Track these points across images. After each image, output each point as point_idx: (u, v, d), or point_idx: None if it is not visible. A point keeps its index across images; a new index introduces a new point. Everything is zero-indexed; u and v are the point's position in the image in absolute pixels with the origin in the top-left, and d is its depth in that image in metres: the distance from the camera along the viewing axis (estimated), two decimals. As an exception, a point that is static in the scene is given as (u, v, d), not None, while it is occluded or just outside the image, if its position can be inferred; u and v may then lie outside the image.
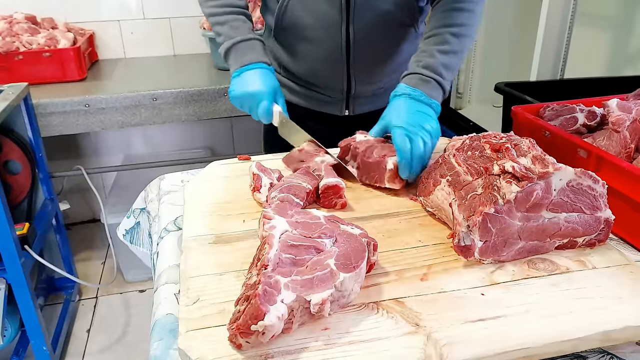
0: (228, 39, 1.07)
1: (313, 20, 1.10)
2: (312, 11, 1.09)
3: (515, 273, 0.68)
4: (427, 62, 0.99)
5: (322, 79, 1.19)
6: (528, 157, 0.71)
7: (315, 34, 1.11)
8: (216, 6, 1.09)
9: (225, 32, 1.08)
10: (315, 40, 1.12)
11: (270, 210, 0.69)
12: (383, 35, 1.13)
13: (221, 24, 1.08)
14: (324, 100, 1.22)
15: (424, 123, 0.92)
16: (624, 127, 0.85)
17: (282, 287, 0.57)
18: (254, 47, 1.07)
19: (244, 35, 1.07)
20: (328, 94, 1.21)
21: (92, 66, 2.20)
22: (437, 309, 0.62)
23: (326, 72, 1.17)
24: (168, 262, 0.80)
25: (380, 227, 0.81)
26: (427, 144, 0.90)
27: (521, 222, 0.69)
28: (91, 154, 2.50)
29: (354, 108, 1.23)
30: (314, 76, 1.18)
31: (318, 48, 1.13)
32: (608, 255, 0.72)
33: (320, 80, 1.19)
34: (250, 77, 1.04)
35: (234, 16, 1.08)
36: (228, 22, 1.08)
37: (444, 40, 1.00)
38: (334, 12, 1.08)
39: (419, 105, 0.95)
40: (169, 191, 1.02)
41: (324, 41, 1.12)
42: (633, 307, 0.62)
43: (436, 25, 1.03)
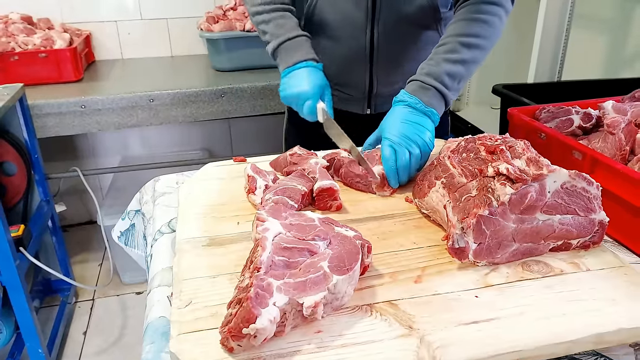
0: (274, 38, 1.08)
1: (339, 21, 1.13)
2: (339, 11, 1.12)
3: (509, 275, 0.68)
4: (431, 70, 0.99)
5: (345, 78, 1.21)
6: (522, 159, 0.71)
7: (341, 33, 1.14)
8: (261, 3, 1.10)
9: (271, 31, 1.09)
10: (341, 40, 1.15)
11: (264, 213, 0.69)
12: (406, 37, 1.15)
13: (266, 22, 1.09)
14: (346, 99, 1.24)
15: (414, 134, 0.92)
16: (619, 129, 0.85)
17: (274, 289, 0.56)
18: (301, 45, 1.08)
19: (290, 32, 1.08)
20: (350, 92, 1.23)
21: (88, 67, 2.19)
22: (430, 312, 0.62)
23: (350, 71, 1.19)
24: (162, 264, 0.80)
25: (375, 229, 0.80)
26: (413, 154, 0.91)
27: (515, 224, 0.69)
28: (88, 155, 2.49)
29: (375, 107, 1.24)
30: (337, 75, 1.20)
31: (343, 48, 1.16)
32: (602, 258, 0.72)
33: (344, 79, 1.21)
34: (297, 77, 1.05)
35: (279, 13, 1.10)
36: (273, 19, 1.09)
37: (453, 49, 0.99)
38: (360, 14, 1.10)
39: (414, 114, 0.95)
40: (164, 193, 1.02)
41: (348, 41, 1.14)
42: (626, 310, 0.62)
43: (448, 34, 1.02)
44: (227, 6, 2.13)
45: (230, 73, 2.06)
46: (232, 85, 1.90)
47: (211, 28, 2.01)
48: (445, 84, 0.97)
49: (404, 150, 0.91)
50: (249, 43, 2.03)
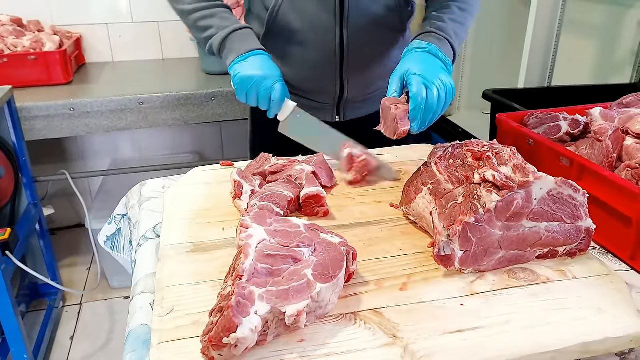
0: (221, 30, 1.04)
1: (306, 25, 1.09)
2: (305, 15, 1.08)
3: (495, 283, 0.68)
4: (440, 25, 1.00)
5: (314, 84, 1.17)
6: (509, 166, 0.71)
7: (308, 38, 1.10)
8: (198, 1, 1.06)
9: (216, 24, 1.04)
10: (308, 45, 1.11)
11: (248, 219, 0.68)
12: (375, 39, 1.13)
13: (210, 17, 1.05)
14: (315, 107, 1.20)
15: (441, 74, 0.90)
16: (607, 136, 0.85)
17: (256, 298, 0.56)
18: (252, 36, 1.04)
19: (238, 24, 1.04)
20: (319, 99, 1.20)
21: (79, 69, 2.18)
22: (415, 320, 0.61)
23: (319, 77, 1.16)
24: (145, 270, 0.79)
25: (362, 236, 0.80)
26: (441, 96, 0.88)
27: (502, 231, 0.68)
28: (77, 158, 2.47)
29: (344, 114, 1.22)
30: (305, 82, 1.17)
31: (311, 53, 1.12)
32: (589, 265, 0.71)
33: (313, 86, 1.18)
34: (258, 61, 1.00)
35: (221, 9, 1.07)
36: (217, 14, 1.05)
37: (453, 11, 1.03)
38: (328, 16, 1.07)
39: (435, 59, 0.93)
40: (150, 197, 1.01)
41: (317, 45, 1.11)
42: (613, 318, 0.62)
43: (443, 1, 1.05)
44: (218, 9, 2.12)
45: (221, 76, 2.05)
46: (223, 88, 1.89)
47: (202, 31, 2.00)
48: (453, 39, 0.99)
49: (434, 87, 0.87)
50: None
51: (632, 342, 0.60)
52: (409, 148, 1.12)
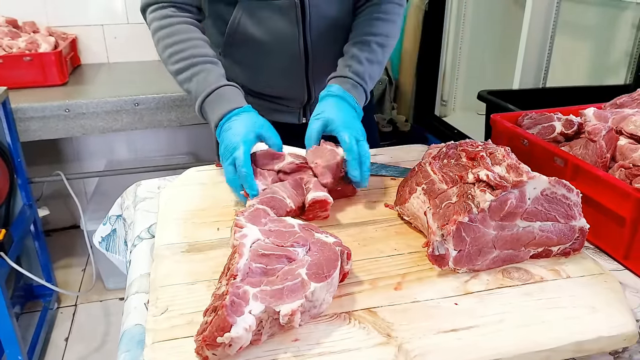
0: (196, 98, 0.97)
1: (268, 35, 1.07)
2: (266, 27, 1.06)
3: (489, 282, 0.68)
4: (357, 69, 1.02)
5: (281, 91, 1.17)
6: (503, 166, 0.71)
7: (272, 47, 1.09)
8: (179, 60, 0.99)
9: (193, 89, 0.98)
10: (272, 54, 1.10)
11: (242, 219, 0.68)
12: (337, 42, 1.12)
13: (188, 81, 0.98)
14: (281, 110, 1.20)
15: (359, 126, 0.93)
16: (600, 137, 0.85)
17: (250, 297, 0.56)
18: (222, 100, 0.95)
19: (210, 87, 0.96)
20: (286, 104, 1.19)
21: (74, 71, 2.17)
22: (409, 319, 0.61)
23: (285, 84, 1.15)
24: (140, 270, 0.79)
25: (356, 235, 0.80)
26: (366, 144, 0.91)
27: (495, 231, 0.69)
28: (72, 159, 2.46)
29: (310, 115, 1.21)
30: (272, 88, 1.16)
31: (275, 61, 1.11)
32: (583, 265, 0.72)
33: (279, 92, 1.17)
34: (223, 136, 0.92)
35: (200, 66, 0.98)
36: (194, 76, 0.97)
37: (371, 50, 1.04)
38: (291, 26, 1.06)
39: (351, 109, 0.97)
40: (145, 198, 1.00)
41: (281, 54, 1.10)
42: (606, 317, 0.62)
43: (363, 32, 1.05)
44: (214, 10, 2.12)
45: (216, 77, 2.04)
46: (219, 89, 1.88)
47: (198, 32, 2.00)
48: (367, 84, 1.02)
49: (364, 140, 0.90)
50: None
51: (625, 341, 0.61)
52: (403, 148, 1.13)
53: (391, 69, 2.69)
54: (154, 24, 1.03)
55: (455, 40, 2.63)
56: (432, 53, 2.65)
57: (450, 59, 2.66)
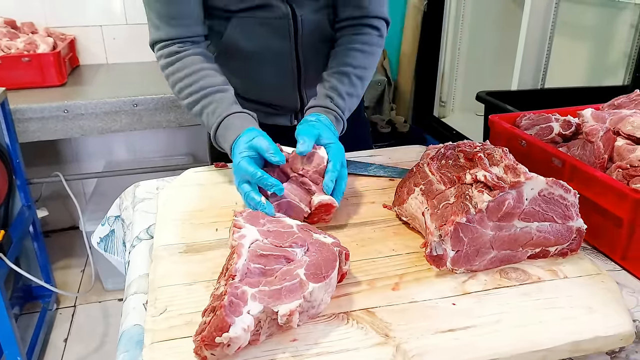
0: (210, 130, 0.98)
1: (262, 50, 1.08)
2: (260, 42, 1.07)
3: (487, 282, 0.68)
4: (339, 103, 1.01)
5: (273, 99, 1.18)
6: (500, 167, 0.71)
7: (265, 61, 1.10)
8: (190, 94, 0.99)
9: (205, 122, 0.99)
10: (265, 67, 1.11)
11: (240, 219, 0.68)
12: (328, 52, 1.12)
13: (199, 115, 1.00)
14: (273, 114, 1.21)
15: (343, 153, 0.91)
16: (598, 138, 0.86)
17: (249, 297, 0.56)
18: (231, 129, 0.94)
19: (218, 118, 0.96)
20: (278, 110, 1.20)
21: (72, 71, 2.17)
22: (407, 319, 0.62)
23: (278, 93, 1.16)
24: (139, 271, 0.79)
25: (355, 236, 0.80)
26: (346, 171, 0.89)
27: (493, 231, 0.69)
28: (71, 160, 2.46)
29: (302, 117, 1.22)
30: (264, 96, 1.17)
31: (268, 73, 1.12)
32: (580, 265, 0.72)
33: (272, 100, 1.18)
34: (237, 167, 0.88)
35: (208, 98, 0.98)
36: (204, 109, 0.98)
37: (352, 83, 1.04)
38: (283, 40, 1.07)
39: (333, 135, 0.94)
40: (144, 199, 1.00)
41: (274, 67, 1.11)
42: (603, 318, 0.62)
43: (343, 62, 1.05)
44: (213, 11, 2.12)
45: (215, 78, 2.05)
46: (218, 90, 1.89)
47: (197, 33, 2.00)
48: (345, 117, 1.02)
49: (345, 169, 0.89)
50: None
51: (622, 341, 0.61)
52: (402, 149, 1.13)
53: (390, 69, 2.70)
54: (162, 61, 1.03)
55: (454, 41, 2.63)
56: (430, 54, 2.66)
57: (449, 59, 2.66)
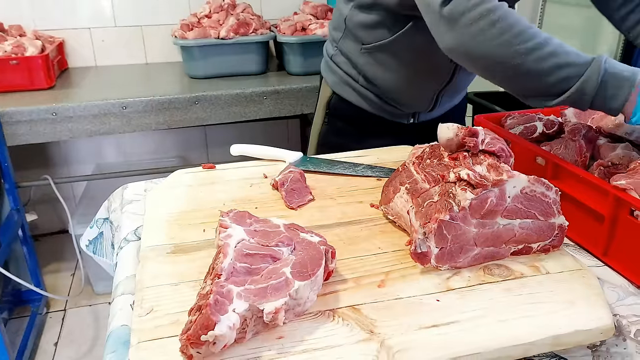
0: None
1: (425, 59, 1.10)
2: (427, 52, 1.06)
3: (470, 279, 0.69)
4: None
5: (409, 99, 1.21)
6: (483, 165, 0.72)
7: (421, 67, 1.13)
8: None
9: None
10: (418, 72, 1.14)
11: (227, 219, 0.69)
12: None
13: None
14: (394, 113, 1.25)
15: None
16: (580, 136, 0.87)
17: (234, 296, 0.56)
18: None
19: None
20: (404, 109, 1.24)
21: (61, 74, 2.16)
22: (392, 316, 0.62)
23: (416, 96, 1.20)
24: (126, 272, 0.79)
25: (342, 235, 0.81)
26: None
27: (476, 228, 0.70)
28: (61, 163, 2.45)
29: (418, 117, 1.27)
30: (402, 94, 1.20)
31: (418, 78, 1.15)
32: (562, 261, 0.73)
33: (407, 100, 1.21)
34: None
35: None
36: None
37: None
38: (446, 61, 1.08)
39: None
40: (132, 200, 1.01)
41: (427, 74, 1.14)
42: (583, 312, 0.63)
43: None
44: (201, 14, 2.13)
45: (204, 80, 2.05)
46: (206, 92, 1.89)
47: (185, 35, 2.00)
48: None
49: None
50: (223, 50, 2.03)
51: (602, 334, 0.62)
52: (389, 149, 1.14)
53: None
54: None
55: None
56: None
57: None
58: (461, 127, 0.77)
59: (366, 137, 1.22)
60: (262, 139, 2.64)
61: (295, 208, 0.89)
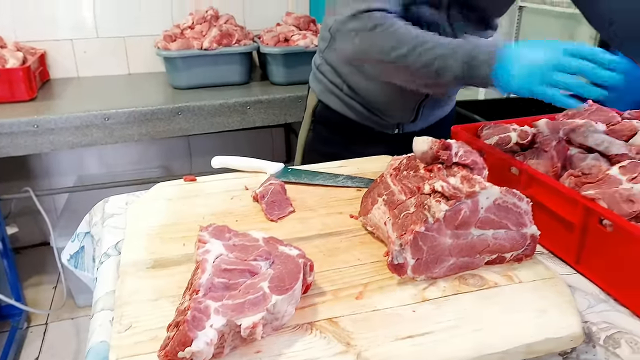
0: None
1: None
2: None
3: (446, 289, 0.71)
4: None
5: (391, 109, 1.23)
6: (457, 177, 0.74)
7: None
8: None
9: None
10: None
11: (205, 234, 0.69)
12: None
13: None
14: (379, 123, 1.27)
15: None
16: (551, 147, 0.90)
17: (212, 312, 0.57)
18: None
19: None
20: (388, 119, 1.26)
21: (43, 86, 2.15)
22: (369, 328, 0.64)
23: (400, 105, 1.22)
24: (106, 288, 0.79)
25: (322, 247, 0.82)
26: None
27: (451, 239, 0.72)
28: (42, 175, 2.43)
29: (403, 128, 1.29)
30: (385, 104, 1.22)
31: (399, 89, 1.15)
32: (534, 269, 0.75)
33: (389, 109, 1.23)
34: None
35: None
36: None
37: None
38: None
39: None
40: (113, 214, 1.01)
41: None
42: (554, 320, 0.65)
43: None
44: (184, 25, 2.14)
45: (187, 91, 2.06)
46: (189, 103, 1.90)
47: (168, 47, 2.01)
48: None
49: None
50: (206, 61, 2.04)
51: (572, 342, 0.64)
52: (369, 160, 1.15)
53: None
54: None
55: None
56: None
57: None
58: (435, 140, 0.79)
59: (352, 146, 1.24)
60: (246, 148, 2.64)
61: (276, 220, 0.90)
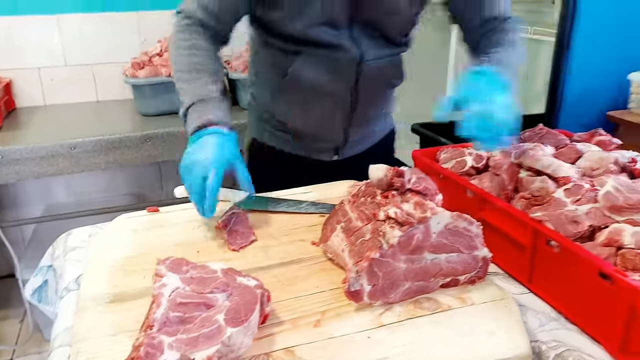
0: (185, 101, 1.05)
1: (323, 85, 1.13)
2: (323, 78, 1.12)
3: (401, 314, 0.72)
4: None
5: (319, 133, 1.23)
6: (410, 203, 0.77)
7: (323, 95, 1.15)
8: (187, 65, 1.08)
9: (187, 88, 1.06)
10: (322, 100, 1.17)
11: (162, 267, 0.70)
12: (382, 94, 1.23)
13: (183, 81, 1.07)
14: (315, 149, 1.27)
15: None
16: (503, 170, 0.93)
17: (165, 347, 0.58)
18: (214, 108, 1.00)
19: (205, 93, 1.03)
20: (320, 145, 1.26)
21: (8, 115, 2.13)
22: (325, 356, 0.65)
23: (325, 129, 1.22)
24: (65, 323, 0.79)
25: (281, 276, 0.83)
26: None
27: (405, 264, 0.74)
28: (9, 205, 2.38)
29: (343, 153, 1.29)
30: (310, 130, 1.23)
31: (323, 107, 1.18)
32: (487, 291, 0.77)
33: (317, 134, 1.24)
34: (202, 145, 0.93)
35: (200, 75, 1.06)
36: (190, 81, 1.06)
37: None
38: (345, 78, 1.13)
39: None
40: (75, 247, 1.00)
41: (330, 101, 1.17)
42: (503, 341, 0.67)
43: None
44: (152, 52, 2.15)
45: (156, 117, 2.06)
46: (158, 129, 1.90)
47: (136, 74, 2.02)
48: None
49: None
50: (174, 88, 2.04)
51: (521, 361, 0.66)
52: (332, 185, 1.17)
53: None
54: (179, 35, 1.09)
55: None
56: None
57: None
58: (389, 167, 0.82)
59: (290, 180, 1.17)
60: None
61: (238, 250, 0.91)
